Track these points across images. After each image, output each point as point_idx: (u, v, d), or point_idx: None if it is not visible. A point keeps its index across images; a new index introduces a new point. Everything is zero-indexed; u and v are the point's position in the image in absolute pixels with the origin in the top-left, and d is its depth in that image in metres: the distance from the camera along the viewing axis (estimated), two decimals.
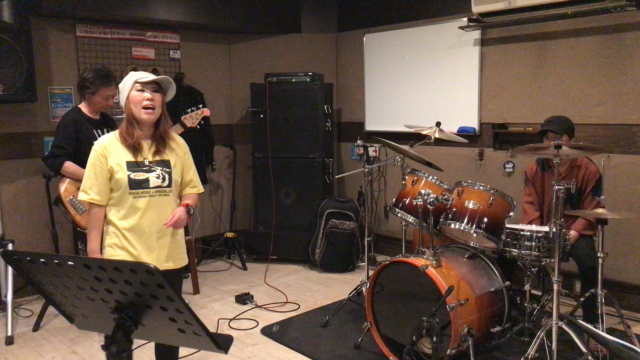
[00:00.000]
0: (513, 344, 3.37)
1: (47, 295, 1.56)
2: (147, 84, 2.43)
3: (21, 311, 4.16)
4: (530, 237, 3.18)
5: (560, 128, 3.43)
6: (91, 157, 2.45)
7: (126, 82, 2.45)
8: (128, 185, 2.41)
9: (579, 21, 4.09)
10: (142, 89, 2.42)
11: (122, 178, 2.41)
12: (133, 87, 2.42)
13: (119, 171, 2.41)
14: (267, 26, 5.62)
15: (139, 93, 2.42)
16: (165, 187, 2.49)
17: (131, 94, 2.42)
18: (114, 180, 2.42)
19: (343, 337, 3.61)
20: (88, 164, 2.45)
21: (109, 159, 2.42)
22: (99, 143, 2.47)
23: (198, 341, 1.47)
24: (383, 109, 5.45)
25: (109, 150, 2.44)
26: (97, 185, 2.42)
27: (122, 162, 2.42)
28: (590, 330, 1.59)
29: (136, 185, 2.43)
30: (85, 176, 2.45)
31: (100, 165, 2.42)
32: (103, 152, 2.43)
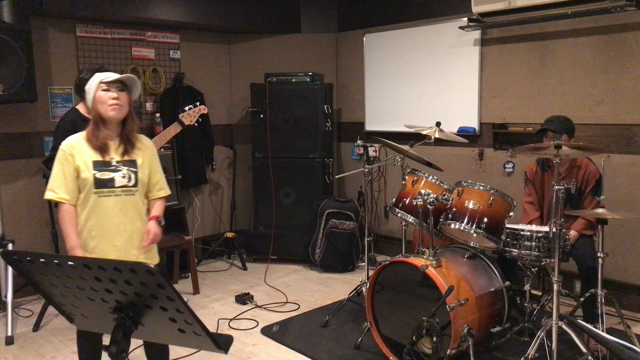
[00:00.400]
0: (513, 344, 3.37)
1: (47, 295, 1.56)
2: (112, 83, 2.46)
3: (21, 311, 4.16)
4: (530, 237, 3.18)
5: (560, 127, 3.43)
6: (58, 156, 2.47)
7: (92, 83, 2.48)
8: (93, 184, 2.44)
9: (579, 21, 4.09)
10: (108, 88, 2.45)
11: (87, 177, 2.44)
12: (98, 87, 2.45)
13: (85, 170, 2.44)
14: (267, 26, 5.62)
15: (104, 92, 2.45)
16: (131, 186, 2.52)
17: (97, 94, 2.45)
18: (80, 180, 2.45)
19: (343, 337, 3.61)
20: (55, 163, 2.47)
21: (75, 158, 2.45)
22: (66, 142, 2.49)
23: (198, 341, 1.47)
24: (383, 109, 5.45)
25: (76, 149, 2.47)
26: (65, 185, 2.45)
27: (88, 161, 2.46)
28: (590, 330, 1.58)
29: (101, 184, 2.46)
30: (53, 175, 2.47)
31: (68, 164, 2.45)
32: (70, 151, 2.46)
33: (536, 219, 3.68)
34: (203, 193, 5.67)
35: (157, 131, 5.02)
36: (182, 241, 4.62)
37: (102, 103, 2.44)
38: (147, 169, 2.59)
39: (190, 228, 5.31)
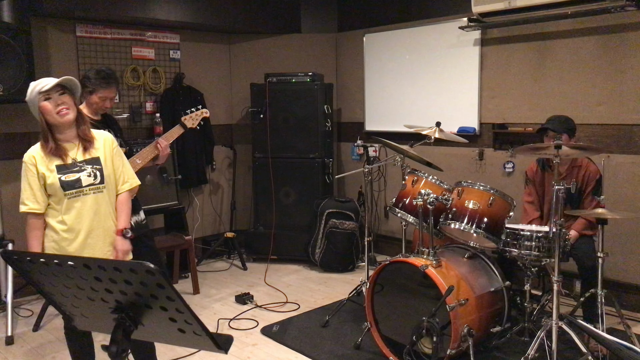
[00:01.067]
0: (513, 344, 3.37)
1: (47, 295, 1.56)
2: (51, 90, 2.43)
3: (21, 311, 4.16)
4: (530, 237, 3.18)
5: (560, 127, 3.43)
6: (23, 169, 2.49)
7: (31, 96, 2.45)
8: (61, 187, 2.45)
9: (579, 21, 4.09)
10: (49, 96, 2.43)
11: (54, 182, 2.45)
12: (38, 98, 2.42)
13: (50, 175, 2.45)
14: (267, 26, 5.62)
15: (46, 102, 2.42)
16: (98, 184, 2.53)
17: (40, 105, 2.43)
18: (47, 186, 2.46)
19: (343, 337, 3.61)
20: (22, 176, 2.49)
21: (38, 167, 2.46)
22: (27, 154, 2.50)
23: (198, 341, 1.47)
24: (383, 109, 5.46)
25: (38, 158, 2.47)
26: (32, 195, 2.46)
27: (51, 166, 2.46)
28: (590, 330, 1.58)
29: (69, 186, 2.46)
30: (22, 189, 2.49)
31: (32, 175, 2.46)
32: (32, 161, 2.46)
33: (536, 219, 3.68)
34: (203, 193, 5.68)
35: (157, 131, 5.03)
36: (182, 241, 4.62)
37: (49, 112, 2.43)
38: (111, 164, 2.60)
39: (190, 228, 5.31)
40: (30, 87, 2.48)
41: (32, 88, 2.46)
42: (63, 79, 2.47)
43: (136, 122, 5.06)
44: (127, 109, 5.04)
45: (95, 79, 3.43)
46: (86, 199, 2.50)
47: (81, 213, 2.49)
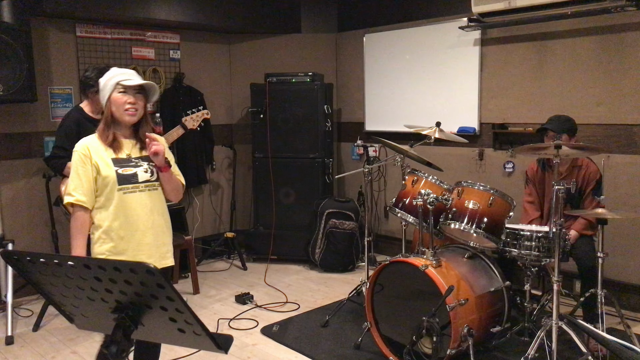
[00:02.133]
0: (513, 344, 3.37)
1: (47, 295, 1.56)
2: (130, 87, 2.37)
3: (21, 311, 4.16)
4: (530, 237, 3.18)
5: (560, 127, 3.43)
6: (74, 158, 2.37)
7: (107, 82, 2.38)
8: (117, 180, 2.35)
9: (579, 21, 4.09)
10: (125, 91, 2.36)
11: (109, 174, 2.34)
12: (115, 88, 2.36)
13: (105, 167, 2.35)
14: (267, 26, 5.62)
15: (121, 95, 2.36)
16: (154, 181, 2.44)
17: (113, 95, 2.36)
18: (101, 178, 2.35)
19: (343, 337, 3.61)
20: (72, 167, 2.38)
21: (93, 157, 2.35)
22: (80, 144, 2.40)
23: (198, 341, 1.47)
24: (383, 109, 5.46)
25: (92, 149, 2.37)
26: (81, 187, 2.34)
27: (107, 159, 2.37)
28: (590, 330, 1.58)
29: (125, 180, 2.36)
30: (70, 179, 2.38)
31: (84, 166, 2.35)
32: (86, 152, 2.36)
33: (536, 219, 3.68)
34: (203, 193, 5.68)
35: (157, 131, 4.99)
36: (182, 241, 4.62)
37: (118, 106, 2.36)
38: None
39: (190, 228, 5.31)
40: (112, 72, 2.40)
41: (113, 75, 2.38)
42: (147, 84, 2.40)
43: None
44: None
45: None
46: (141, 196, 2.40)
47: (136, 210, 2.39)
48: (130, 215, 2.37)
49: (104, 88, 2.38)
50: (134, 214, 2.38)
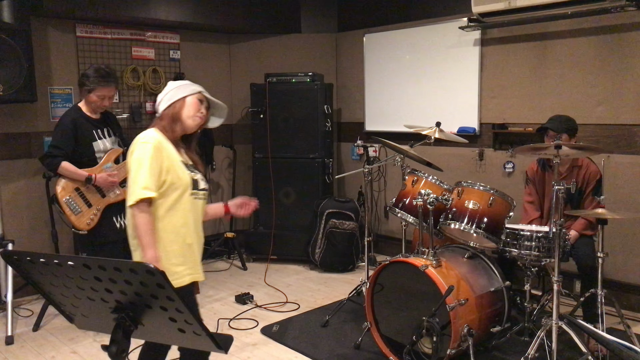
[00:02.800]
0: (513, 344, 3.37)
1: (47, 295, 1.56)
2: (206, 100, 2.37)
3: (21, 311, 4.16)
4: (530, 237, 3.18)
5: (560, 126, 3.43)
6: (145, 150, 2.17)
7: (190, 85, 2.35)
8: (191, 184, 2.25)
9: (579, 21, 4.09)
10: (202, 100, 2.35)
11: (184, 177, 2.23)
12: (196, 93, 2.33)
13: (180, 169, 2.23)
14: (267, 26, 5.61)
15: (198, 102, 2.33)
16: (207, 190, 2.38)
17: (191, 97, 2.31)
18: (173, 178, 2.20)
19: (343, 337, 3.61)
20: (142, 159, 2.16)
21: (165, 156, 2.21)
22: (152, 136, 2.22)
23: (198, 341, 1.47)
24: (383, 109, 5.45)
25: (164, 146, 2.23)
26: (155, 182, 2.16)
27: (178, 160, 2.26)
28: (590, 330, 1.58)
29: (195, 185, 2.28)
30: (145, 171, 2.14)
31: (158, 160, 2.18)
32: (159, 146, 2.20)
33: (536, 219, 3.68)
34: None
35: None
36: None
37: (191, 108, 2.30)
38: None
39: None
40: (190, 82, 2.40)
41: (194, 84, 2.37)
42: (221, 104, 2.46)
43: (136, 122, 5.06)
44: (127, 109, 5.04)
45: (94, 77, 3.42)
46: (200, 203, 2.33)
47: (199, 217, 2.32)
48: (197, 221, 2.31)
49: (183, 87, 2.33)
50: (198, 221, 2.33)
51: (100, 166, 3.51)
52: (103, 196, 3.49)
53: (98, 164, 3.51)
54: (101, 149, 3.55)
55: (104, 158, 3.53)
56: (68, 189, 3.43)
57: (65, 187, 3.44)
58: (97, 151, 3.52)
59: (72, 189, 3.43)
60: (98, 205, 3.47)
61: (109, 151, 3.56)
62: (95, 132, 3.53)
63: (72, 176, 3.41)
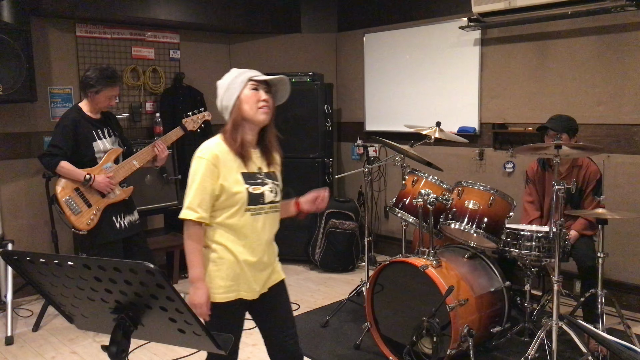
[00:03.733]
0: (513, 344, 3.37)
1: (47, 295, 1.56)
2: (262, 82, 2.16)
3: (21, 311, 4.16)
4: (530, 237, 3.18)
5: (560, 126, 3.43)
6: (199, 166, 2.06)
7: (236, 79, 2.16)
8: (247, 200, 2.09)
9: (579, 21, 4.09)
10: (257, 87, 2.14)
11: (240, 191, 2.07)
12: (246, 84, 2.14)
13: (236, 184, 2.07)
14: (267, 26, 5.61)
15: (253, 92, 2.13)
16: (277, 202, 2.22)
17: (244, 92, 2.13)
18: (228, 195, 2.07)
19: (343, 337, 3.61)
20: (195, 174, 2.06)
21: (221, 169, 2.07)
22: (208, 150, 2.09)
23: (198, 341, 1.47)
24: (383, 109, 5.45)
25: (221, 158, 2.08)
26: (205, 202, 2.06)
27: (237, 173, 2.10)
28: (590, 330, 1.58)
29: (254, 200, 2.11)
30: (193, 190, 2.05)
31: (211, 177, 2.05)
32: (215, 162, 2.06)
33: (536, 219, 3.68)
34: None
35: (157, 131, 5.02)
36: (182, 241, 4.60)
37: (251, 104, 2.11)
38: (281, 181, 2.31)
39: None
40: (239, 70, 2.21)
41: (242, 71, 2.18)
42: (277, 78, 2.22)
43: (136, 122, 5.06)
44: (127, 109, 5.04)
45: (100, 78, 3.43)
46: (265, 218, 2.16)
47: (259, 234, 2.14)
48: (254, 240, 2.14)
49: (231, 86, 2.16)
50: (257, 239, 2.15)
51: (100, 166, 3.50)
52: (103, 196, 3.49)
53: (98, 164, 3.51)
54: (101, 149, 3.54)
55: (103, 158, 3.53)
56: (68, 189, 3.43)
57: (65, 187, 3.44)
58: (97, 151, 3.52)
59: (72, 189, 3.43)
60: (98, 206, 3.47)
61: (109, 151, 3.56)
62: (95, 132, 3.53)
63: (70, 176, 3.41)
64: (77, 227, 3.43)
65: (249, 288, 2.18)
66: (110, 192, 3.49)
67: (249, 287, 2.17)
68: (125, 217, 3.60)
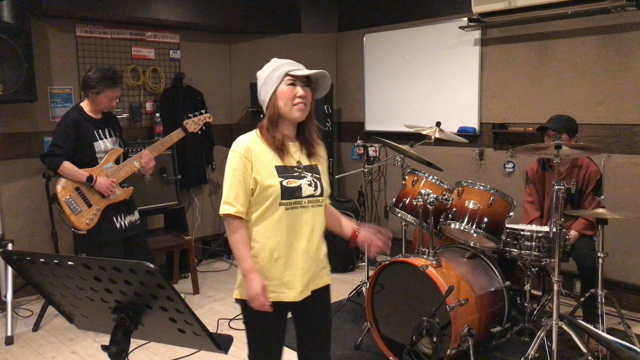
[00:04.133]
0: (513, 344, 3.37)
1: (47, 295, 1.56)
2: (299, 77, 2.07)
3: (21, 311, 4.16)
4: (530, 237, 3.18)
5: (560, 126, 3.43)
6: (233, 161, 2.06)
7: (273, 73, 2.10)
8: (281, 194, 2.02)
9: (579, 21, 4.09)
10: (294, 82, 2.07)
11: (273, 185, 2.02)
12: (283, 79, 2.07)
13: (269, 177, 2.03)
14: (267, 26, 5.61)
15: (289, 88, 2.06)
16: (317, 196, 2.11)
17: (280, 88, 2.07)
18: (261, 189, 2.03)
19: (343, 337, 3.61)
20: (230, 170, 2.06)
21: (254, 163, 2.04)
22: (241, 145, 2.08)
23: (198, 341, 1.47)
24: (383, 109, 5.45)
25: (254, 152, 2.06)
26: (242, 196, 2.03)
27: (270, 166, 2.05)
28: (590, 330, 1.58)
29: (289, 194, 2.04)
30: (228, 185, 2.05)
31: (245, 171, 2.03)
32: (247, 156, 2.05)
33: (537, 219, 3.68)
34: (203, 193, 5.67)
35: (157, 131, 5.02)
36: (182, 241, 4.62)
37: (287, 100, 2.06)
38: (326, 176, 2.21)
39: (190, 228, 5.30)
40: (277, 62, 2.13)
41: (280, 64, 2.10)
42: (319, 73, 2.12)
43: (136, 122, 5.06)
44: (127, 109, 5.04)
45: (101, 79, 3.43)
46: (303, 213, 2.08)
47: (295, 229, 2.07)
48: (289, 234, 2.07)
49: (268, 81, 2.11)
50: (294, 233, 2.07)
51: (101, 166, 3.50)
52: (103, 196, 3.49)
53: (99, 164, 3.51)
54: (102, 149, 3.54)
55: (104, 158, 3.53)
56: (68, 189, 3.43)
57: (65, 186, 3.44)
58: (98, 151, 3.52)
59: (72, 189, 3.43)
60: (98, 205, 3.47)
61: (110, 151, 3.56)
62: (96, 132, 3.52)
63: (73, 176, 3.41)
64: (77, 227, 3.43)
65: (286, 289, 2.11)
66: (111, 194, 3.49)
67: (286, 287, 2.11)
68: (126, 217, 3.60)
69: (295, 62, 2.12)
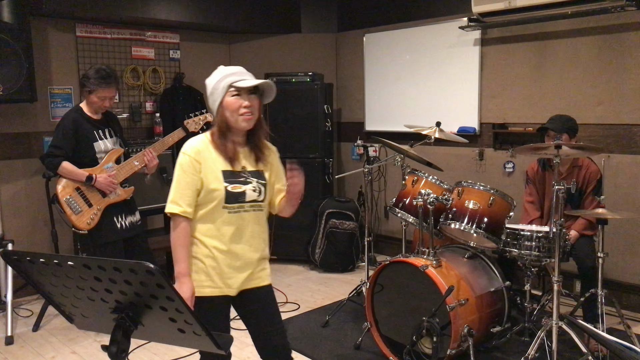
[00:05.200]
0: (513, 344, 3.37)
1: (47, 295, 1.56)
2: (244, 88, 2.12)
3: (21, 311, 4.16)
4: (530, 237, 3.18)
5: (560, 127, 3.43)
6: (182, 162, 2.13)
7: (218, 84, 2.14)
8: (225, 198, 2.11)
9: (579, 21, 4.09)
10: (239, 93, 2.12)
11: (218, 189, 2.11)
12: (228, 91, 2.12)
13: (215, 181, 2.11)
14: (267, 26, 5.61)
15: (235, 98, 2.11)
16: (260, 201, 2.20)
17: (226, 99, 2.12)
18: (206, 192, 2.12)
19: (343, 337, 3.61)
20: (178, 170, 2.14)
21: (202, 166, 2.12)
22: (192, 147, 2.14)
23: (198, 341, 1.47)
24: (383, 109, 5.45)
25: (204, 156, 2.13)
26: (188, 196, 2.12)
27: (217, 171, 2.13)
28: (590, 330, 1.58)
29: (233, 198, 2.13)
30: (175, 185, 2.14)
31: (193, 173, 2.11)
32: (197, 158, 2.12)
33: (537, 219, 3.68)
34: None
35: (157, 131, 5.02)
36: None
37: (232, 111, 2.11)
38: (273, 180, 2.30)
39: None
40: (222, 71, 2.17)
41: (225, 75, 2.14)
42: (263, 83, 2.17)
43: (136, 122, 5.06)
44: (127, 109, 5.04)
45: (94, 78, 3.42)
46: (245, 217, 2.17)
47: (236, 231, 2.16)
48: (230, 236, 2.16)
49: (214, 92, 2.15)
50: (234, 235, 2.16)
51: (101, 166, 3.50)
52: (104, 196, 3.49)
53: (99, 164, 3.51)
54: (102, 149, 3.54)
55: (104, 158, 3.53)
56: (69, 188, 3.43)
57: (65, 186, 3.44)
58: (98, 151, 3.52)
59: (72, 189, 3.43)
60: (99, 205, 3.47)
61: (110, 151, 3.56)
62: (96, 132, 3.52)
63: (72, 176, 3.41)
64: (78, 227, 3.43)
65: (225, 284, 2.20)
66: (113, 191, 3.48)
67: (227, 283, 2.19)
68: (127, 217, 3.60)
69: (240, 71, 2.18)
